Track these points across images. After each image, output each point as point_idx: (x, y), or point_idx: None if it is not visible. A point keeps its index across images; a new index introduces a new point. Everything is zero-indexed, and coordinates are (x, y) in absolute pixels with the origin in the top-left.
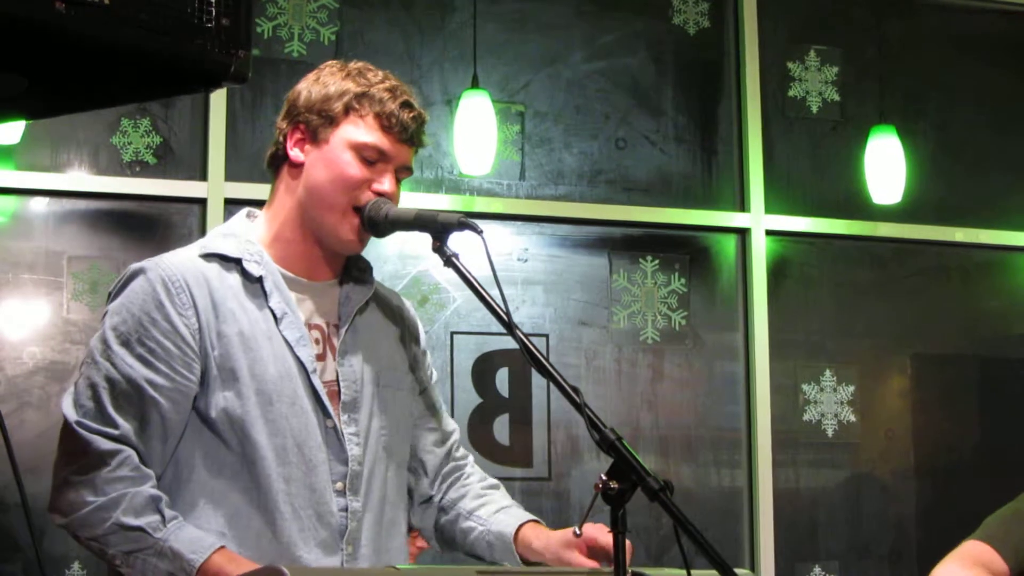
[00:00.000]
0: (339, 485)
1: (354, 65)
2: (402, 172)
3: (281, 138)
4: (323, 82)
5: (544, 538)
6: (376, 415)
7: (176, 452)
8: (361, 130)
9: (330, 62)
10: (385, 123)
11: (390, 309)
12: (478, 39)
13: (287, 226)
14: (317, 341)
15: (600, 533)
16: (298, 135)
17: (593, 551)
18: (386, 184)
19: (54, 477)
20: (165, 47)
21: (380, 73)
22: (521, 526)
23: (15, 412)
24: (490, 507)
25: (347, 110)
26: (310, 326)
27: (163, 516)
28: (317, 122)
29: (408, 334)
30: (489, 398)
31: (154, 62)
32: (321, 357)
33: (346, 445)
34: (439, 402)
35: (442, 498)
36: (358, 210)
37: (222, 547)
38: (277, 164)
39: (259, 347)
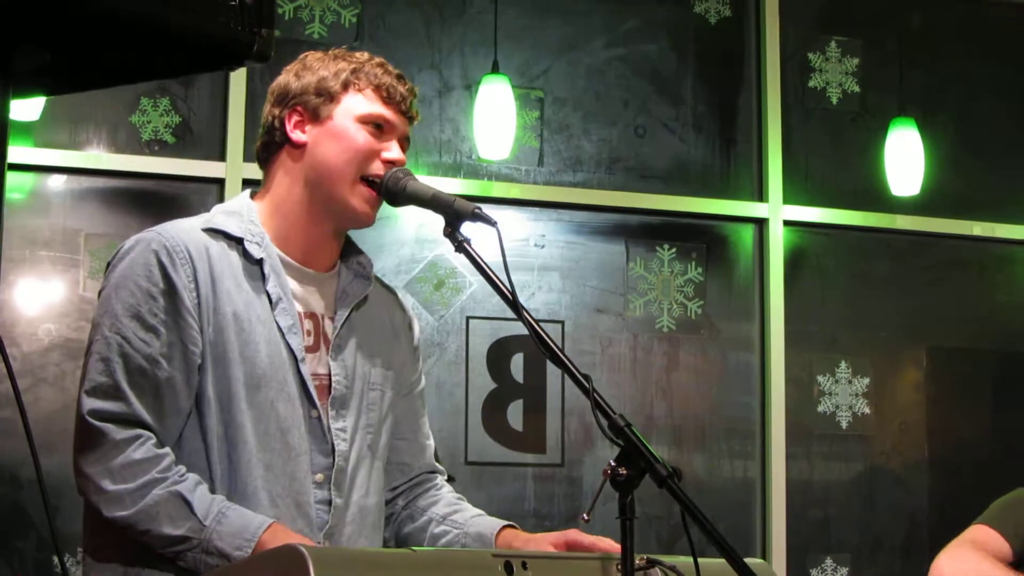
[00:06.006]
0: (319, 477)
1: (335, 50)
2: (403, 143)
3: (277, 124)
4: (310, 67)
5: (524, 539)
6: (364, 413)
7: None
8: (363, 102)
9: (307, 52)
10: (384, 95)
11: (386, 306)
12: (499, 24)
13: (290, 209)
14: (309, 332)
15: (582, 537)
16: (296, 117)
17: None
18: (395, 151)
19: (74, 466)
20: (189, 23)
21: (365, 53)
22: (502, 529)
23: (30, 389)
24: (466, 513)
25: (345, 85)
26: (304, 315)
27: (199, 517)
28: (316, 101)
29: (402, 334)
30: (503, 383)
31: (177, 38)
32: (312, 348)
33: (333, 440)
34: (423, 410)
35: (407, 505)
36: (370, 182)
37: (269, 526)
38: (270, 153)
39: (252, 330)
